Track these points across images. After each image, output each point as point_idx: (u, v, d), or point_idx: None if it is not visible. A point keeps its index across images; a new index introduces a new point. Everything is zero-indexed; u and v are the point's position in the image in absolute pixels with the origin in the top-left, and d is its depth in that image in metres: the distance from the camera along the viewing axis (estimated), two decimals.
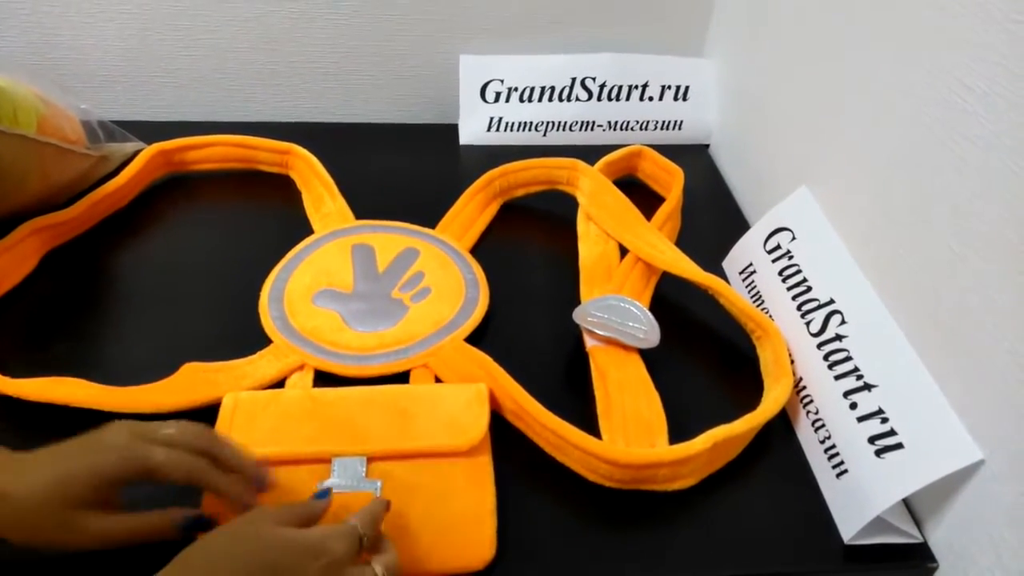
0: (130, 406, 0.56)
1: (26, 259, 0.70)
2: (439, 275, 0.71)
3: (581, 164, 0.81)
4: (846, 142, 0.65)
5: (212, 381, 0.59)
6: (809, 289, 0.65)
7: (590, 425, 0.57)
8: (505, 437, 0.58)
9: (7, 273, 0.68)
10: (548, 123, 0.94)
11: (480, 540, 0.51)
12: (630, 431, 0.57)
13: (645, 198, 0.82)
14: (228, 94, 0.95)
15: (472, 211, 0.80)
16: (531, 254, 0.78)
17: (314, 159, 0.83)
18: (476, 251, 0.76)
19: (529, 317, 0.70)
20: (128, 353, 0.64)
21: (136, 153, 0.82)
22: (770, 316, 0.68)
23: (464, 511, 0.52)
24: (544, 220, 0.82)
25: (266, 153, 0.85)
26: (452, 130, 0.95)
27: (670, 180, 0.82)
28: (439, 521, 0.51)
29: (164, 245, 0.76)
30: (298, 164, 0.85)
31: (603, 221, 0.77)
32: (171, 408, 0.56)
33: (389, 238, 0.75)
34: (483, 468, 0.54)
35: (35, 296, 0.68)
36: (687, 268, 0.69)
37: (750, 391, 0.62)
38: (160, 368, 0.60)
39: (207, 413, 0.56)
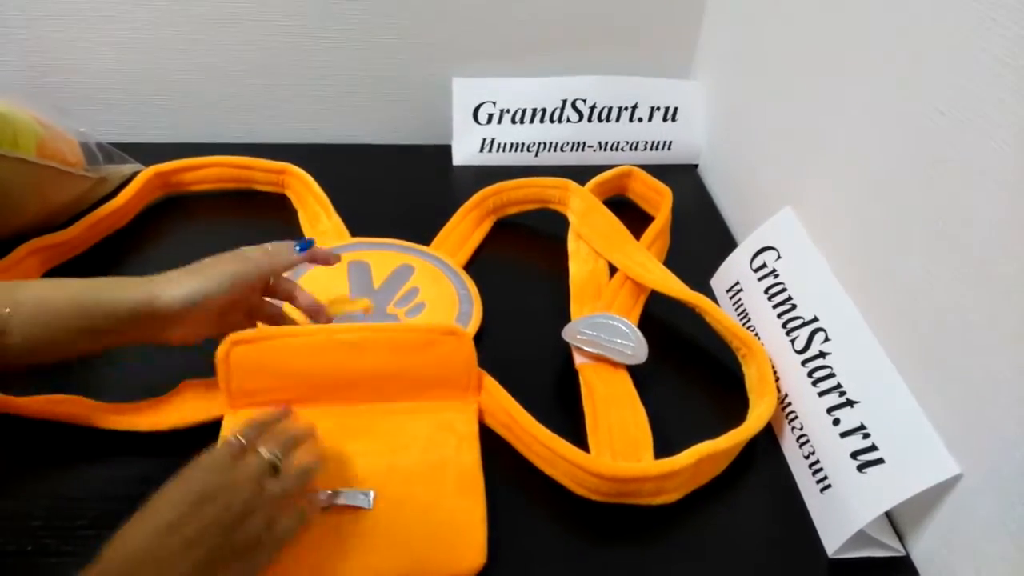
0: (129, 424, 0.57)
1: (26, 279, 0.71)
2: (433, 291, 0.72)
3: (572, 184, 0.82)
4: (828, 164, 0.66)
5: (211, 398, 0.59)
6: (794, 307, 0.66)
7: (579, 441, 0.58)
8: (494, 449, 0.59)
9: None
10: (540, 144, 0.96)
11: (471, 547, 0.51)
12: (616, 446, 0.58)
13: (635, 217, 0.83)
14: (225, 116, 0.97)
15: (466, 228, 0.81)
16: (523, 271, 0.79)
17: (309, 178, 0.84)
18: (470, 268, 0.77)
19: (520, 334, 0.71)
20: (127, 372, 0.64)
21: (134, 174, 0.83)
22: (756, 334, 0.69)
23: (455, 519, 0.53)
24: (536, 238, 0.84)
25: (262, 173, 0.87)
26: (446, 151, 0.96)
27: (659, 200, 0.84)
28: (431, 529, 0.52)
29: (162, 264, 0.75)
30: (294, 183, 0.86)
31: (593, 240, 0.78)
32: (170, 426, 0.57)
33: (384, 255, 0.76)
34: (474, 476, 0.55)
35: None
36: (674, 287, 0.70)
37: (735, 407, 0.63)
38: (159, 386, 0.60)
39: (206, 431, 0.57)
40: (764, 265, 0.71)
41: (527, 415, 0.58)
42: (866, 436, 0.55)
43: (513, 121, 0.95)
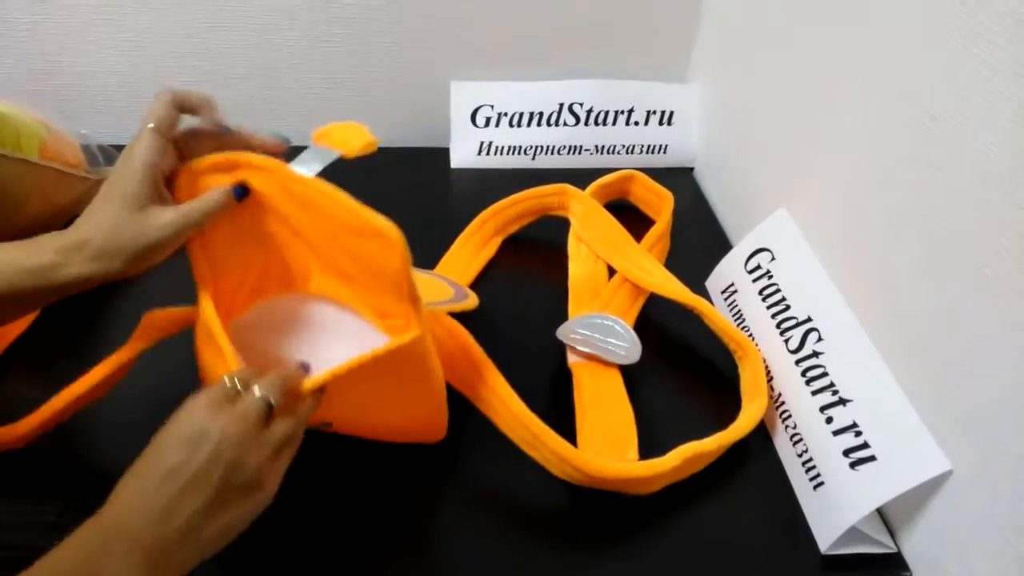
0: (113, 368, 0.54)
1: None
2: (428, 284, 0.70)
3: (570, 188, 0.82)
4: (822, 166, 0.67)
5: (179, 317, 0.56)
6: (788, 308, 0.67)
7: (568, 438, 0.58)
8: (473, 425, 0.59)
9: (11, 325, 0.67)
10: (537, 147, 0.97)
11: (436, 427, 0.57)
12: (600, 443, 0.59)
13: (635, 220, 0.84)
14: (224, 119, 0.97)
15: (469, 252, 0.80)
16: (523, 274, 0.80)
17: None
18: (472, 285, 0.77)
19: (518, 333, 0.71)
20: (131, 382, 0.64)
21: None
22: (750, 334, 0.70)
23: (421, 411, 0.56)
24: (537, 243, 0.84)
25: None
26: (444, 153, 0.97)
27: (660, 204, 0.85)
28: (396, 421, 0.56)
29: (165, 274, 0.77)
30: None
31: (593, 244, 0.79)
32: (146, 347, 0.55)
33: None
34: (428, 366, 0.52)
35: (38, 342, 0.68)
36: (674, 289, 0.71)
37: (728, 408, 0.64)
38: (163, 398, 0.59)
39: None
40: (759, 267, 0.72)
41: (514, 395, 0.57)
42: (858, 434, 0.56)
43: (511, 124, 0.96)
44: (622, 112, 0.97)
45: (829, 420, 0.58)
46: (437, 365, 0.54)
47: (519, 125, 0.96)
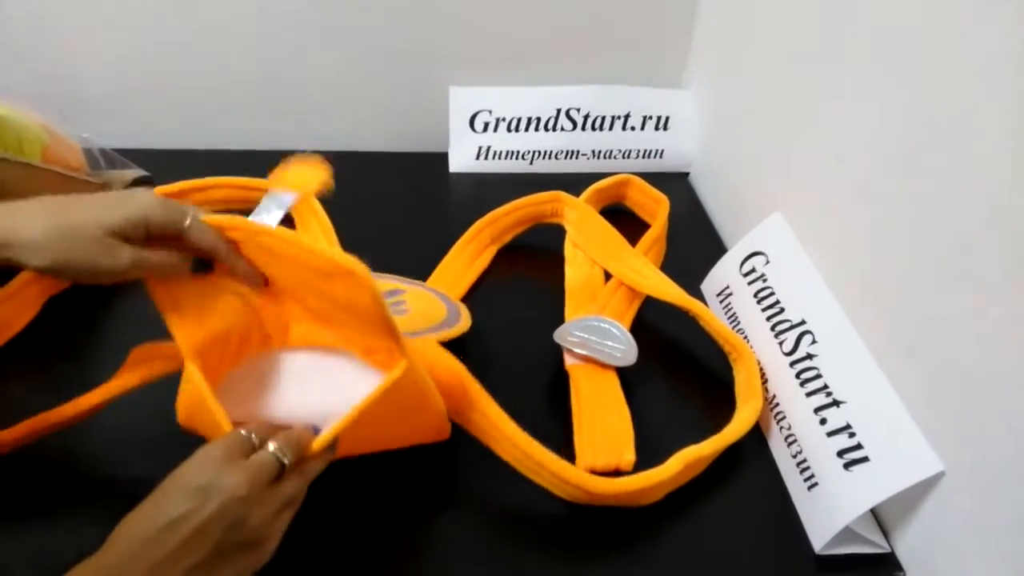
0: (95, 403, 0.55)
1: (28, 306, 0.71)
2: (420, 302, 0.70)
3: (563, 195, 0.83)
4: (816, 171, 0.68)
5: (167, 354, 0.55)
6: (782, 310, 0.67)
7: (565, 440, 0.59)
8: (471, 438, 0.58)
9: (10, 321, 0.68)
10: (534, 152, 0.97)
11: (438, 431, 0.57)
12: (598, 444, 0.59)
13: (631, 224, 0.84)
14: (224, 124, 0.98)
15: (464, 262, 0.80)
16: (521, 278, 0.81)
17: (317, 205, 0.80)
18: (470, 293, 0.77)
19: (516, 337, 0.72)
20: (127, 396, 0.64)
21: (135, 180, 0.84)
22: (745, 336, 0.70)
23: (422, 425, 0.55)
24: (534, 248, 0.85)
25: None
26: (442, 158, 0.98)
27: (656, 208, 0.85)
28: (400, 437, 0.56)
29: None
30: (300, 207, 0.82)
31: (589, 249, 0.80)
32: (134, 386, 0.55)
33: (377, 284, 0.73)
34: (423, 385, 0.52)
35: (37, 343, 0.69)
36: (670, 292, 0.72)
37: (722, 410, 0.64)
38: (159, 414, 0.56)
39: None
40: (753, 270, 0.72)
41: (511, 423, 0.56)
42: (852, 435, 0.56)
43: (509, 129, 0.97)
44: (619, 117, 0.98)
45: (823, 422, 0.58)
46: (431, 384, 0.54)
47: (517, 130, 0.97)
